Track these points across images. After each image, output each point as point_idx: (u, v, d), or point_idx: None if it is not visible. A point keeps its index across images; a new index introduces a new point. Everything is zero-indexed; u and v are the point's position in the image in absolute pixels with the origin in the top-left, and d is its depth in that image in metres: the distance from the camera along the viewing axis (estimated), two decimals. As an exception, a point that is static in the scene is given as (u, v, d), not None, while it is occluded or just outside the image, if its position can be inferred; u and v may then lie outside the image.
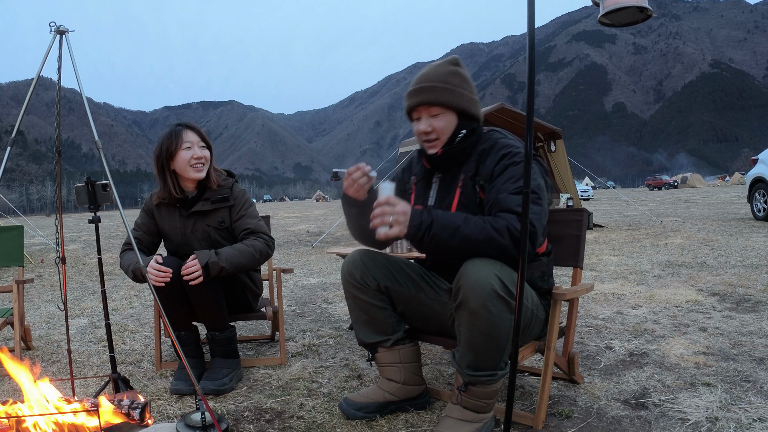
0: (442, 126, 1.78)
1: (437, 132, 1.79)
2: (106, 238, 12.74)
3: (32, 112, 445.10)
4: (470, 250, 1.57)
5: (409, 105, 1.82)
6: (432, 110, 1.78)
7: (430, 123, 1.79)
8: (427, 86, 1.76)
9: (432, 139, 1.81)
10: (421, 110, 1.80)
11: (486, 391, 1.67)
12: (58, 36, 1.78)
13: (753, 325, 2.96)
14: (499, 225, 1.56)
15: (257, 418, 1.97)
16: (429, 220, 1.57)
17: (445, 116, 1.78)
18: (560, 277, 4.85)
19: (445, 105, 1.76)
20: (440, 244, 1.58)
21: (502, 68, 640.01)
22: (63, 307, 2.12)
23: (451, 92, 1.76)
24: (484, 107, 10.29)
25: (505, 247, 1.55)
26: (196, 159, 2.38)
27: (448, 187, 1.86)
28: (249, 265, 2.35)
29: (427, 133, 1.80)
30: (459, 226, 1.56)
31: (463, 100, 1.77)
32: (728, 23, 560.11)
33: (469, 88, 1.80)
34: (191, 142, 2.39)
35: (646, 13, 1.41)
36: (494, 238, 1.55)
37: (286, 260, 7.43)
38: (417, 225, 1.57)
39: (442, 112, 1.77)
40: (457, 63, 1.83)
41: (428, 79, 1.77)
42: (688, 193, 30.96)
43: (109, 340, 2.19)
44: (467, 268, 1.56)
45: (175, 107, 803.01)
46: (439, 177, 1.91)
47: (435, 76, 1.77)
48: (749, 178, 9.89)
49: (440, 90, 1.75)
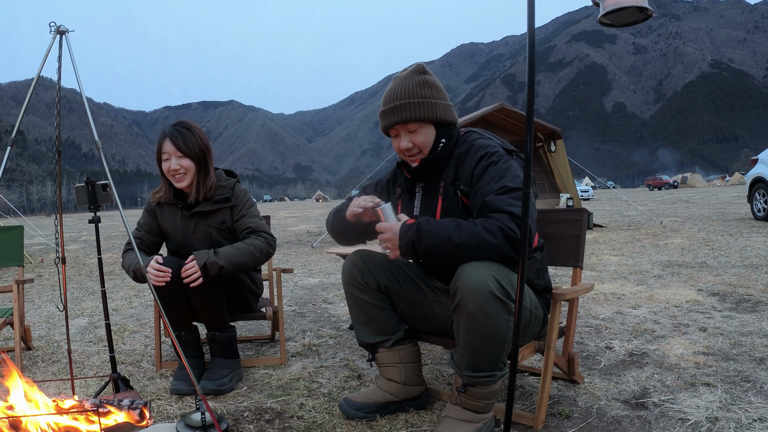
0: (421, 140, 1.79)
1: (418, 146, 1.80)
2: (106, 238, 12.74)
3: (32, 112, 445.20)
4: (466, 256, 1.57)
5: (385, 125, 1.82)
6: (409, 126, 1.78)
7: (410, 139, 1.79)
8: (400, 104, 1.76)
9: (414, 153, 1.82)
10: (399, 128, 1.80)
11: (485, 392, 1.67)
12: (58, 36, 1.78)
13: (753, 325, 2.96)
14: (492, 226, 1.56)
15: (257, 418, 1.97)
16: (415, 236, 1.59)
17: (423, 130, 1.78)
18: (560, 277, 4.85)
19: (422, 120, 1.76)
20: (436, 256, 1.60)
21: (502, 68, 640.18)
22: (63, 307, 2.12)
23: (424, 105, 1.75)
24: (484, 107, 10.31)
25: (499, 248, 1.55)
26: (173, 171, 2.36)
27: (431, 195, 1.86)
28: (249, 263, 2.34)
29: (408, 149, 1.81)
30: (450, 236, 1.57)
31: (437, 110, 1.77)
32: (728, 23, 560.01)
33: (440, 94, 1.80)
34: (168, 153, 2.37)
35: (646, 13, 1.41)
36: (488, 240, 1.55)
37: (286, 260, 7.43)
38: (405, 244, 1.61)
39: (419, 126, 1.78)
40: (423, 71, 1.81)
41: (400, 96, 1.76)
42: (688, 193, 30.96)
43: (109, 340, 2.19)
44: (464, 269, 1.56)
45: (175, 107, 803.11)
46: (421, 186, 1.92)
47: (405, 92, 1.76)
48: (749, 178, 9.89)
49: (413, 105, 1.75)
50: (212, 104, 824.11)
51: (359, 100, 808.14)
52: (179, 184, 2.40)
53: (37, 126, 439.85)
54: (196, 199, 2.42)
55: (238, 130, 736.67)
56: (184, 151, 2.37)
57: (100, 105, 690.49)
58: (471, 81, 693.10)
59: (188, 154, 2.37)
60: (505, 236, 1.54)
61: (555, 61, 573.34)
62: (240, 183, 2.58)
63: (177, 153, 2.37)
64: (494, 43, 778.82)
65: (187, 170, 2.38)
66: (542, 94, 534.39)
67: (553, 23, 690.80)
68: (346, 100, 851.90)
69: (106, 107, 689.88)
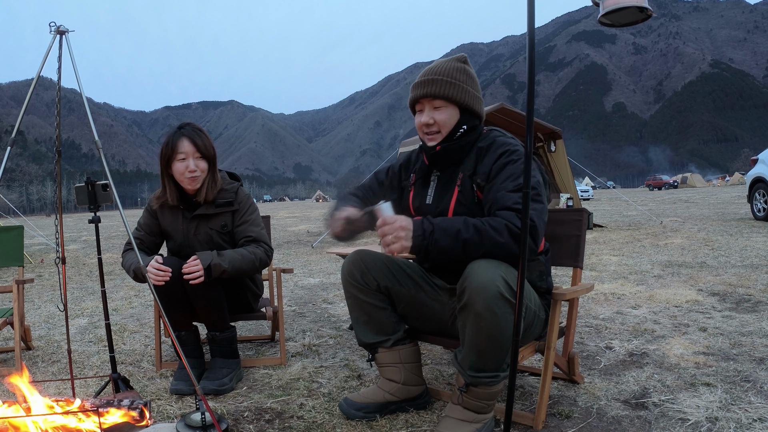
0: (443, 119, 1.79)
1: (438, 125, 1.80)
2: (106, 238, 12.74)
3: (32, 112, 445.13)
4: (472, 253, 1.57)
5: (414, 96, 1.84)
6: (435, 103, 1.79)
7: (432, 115, 1.80)
8: (433, 79, 1.78)
9: (433, 131, 1.82)
10: (425, 102, 1.81)
11: (487, 392, 1.67)
12: (58, 36, 1.78)
13: (753, 325, 2.96)
14: (497, 224, 1.57)
15: (257, 418, 1.97)
16: (430, 227, 1.58)
17: (447, 110, 1.79)
18: (560, 277, 4.85)
19: (449, 98, 1.77)
20: (443, 251, 1.59)
21: (502, 68, 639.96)
22: (63, 307, 2.12)
23: (456, 87, 1.77)
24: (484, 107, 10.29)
25: (504, 245, 1.55)
26: (190, 172, 2.33)
27: (447, 185, 1.86)
28: (249, 270, 2.35)
29: (428, 125, 1.81)
30: (459, 229, 1.57)
31: (466, 96, 1.79)
32: (728, 23, 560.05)
33: (474, 85, 1.82)
34: (186, 153, 2.33)
35: (646, 13, 1.41)
36: (493, 238, 1.55)
37: (286, 260, 7.43)
38: (420, 235, 1.57)
39: (444, 105, 1.79)
40: (465, 61, 1.84)
41: (434, 73, 1.79)
42: (688, 193, 30.96)
43: (109, 340, 2.19)
44: (472, 269, 1.56)
45: (175, 107, 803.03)
46: (437, 175, 1.92)
47: (441, 71, 1.79)
48: (749, 178, 9.89)
49: (445, 83, 1.77)
50: (212, 104, 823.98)
51: (359, 100, 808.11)
52: (193, 185, 2.37)
53: (37, 126, 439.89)
54: (202, 201, 2.41)
55: (238, 130, 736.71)
56: (203, 152, 2.36)
57: (100, 105, 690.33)
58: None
59: (206, 155, 2.38)
60: (510, 234, 1.55)
61: (555, 61, 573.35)
62: (243, 187, 2.57)
63: (196, 153, 2.35)
64: (494, 43, 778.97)
65: (203, 171, 2.38)
66: (542, 94, 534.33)
67: (553, 23, 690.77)
68: (346, 100, 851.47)
69: (106, 107, 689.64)
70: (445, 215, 1.79)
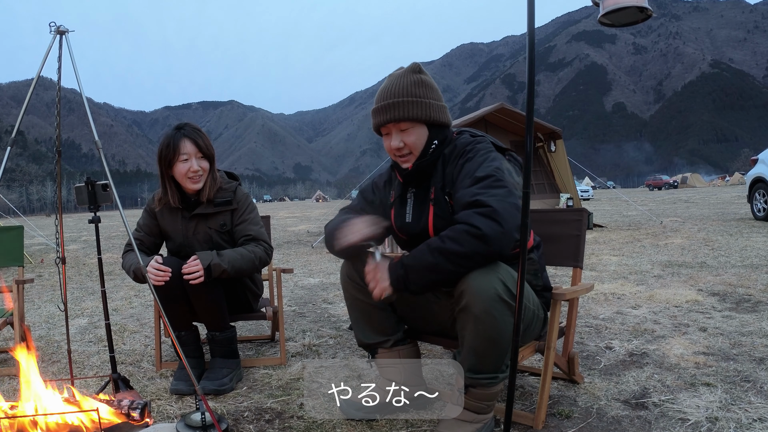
0: (413, 140, 1.73)
1: (409, 147, 1.74)
2: (106, 238, 12.74)
3: (32, 112, 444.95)
4: (455, 273, 1.53)
5: (377, 123, 1.77)
6: (401, 125, 1.72)
7: (401, 138, 1.73)
8: (393, 102, 1.70)
9: (405, 153, 1.76)
10: (390, 126, 1.75)
11: (487, 393, 1.66)
12: (58, 36, 1.78)
13: (753, 325, 2.96)
14: (456, 233, 1.50)
15: (257, 418, 1.97)
16: (403, 272, 1.56)
17: (415, 130, 1.72)
18: (560, 277, 4.85)
19: (414, 119, 1.70)
20: (428, 285, 1.57)
21: (502, 68, 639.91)
22: (63, 308, 2.12)
23: (418, 104, 1.70)
24: (484, 107, 10.30)
25: (470, 255, 1.49)
26: (193, 172, 2.34)
27: (422, 202, 1.80)
28: (249, 270, 2.35)
29: (399, 149, 1.75)
30: (429, 262, 1.52)
31: (431, 110, 1.72)
32: (728, 23, 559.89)
33: (435, 95, 1.75)
34: (188, 153, 2.33)
35: (646, 13, 1.41)
36: (458, 252, 1.49)
37: (286, 260, 7.43)
38: (395, 280, 1.57)
39: (411, 126, 1.72)
40: (419, 70, 1.76)
41: (393, 95, 1.71)
42: (688, 193, 30.96)
43: (109, 340, 2.19)
44: (470, 273, 1.54)
45: (175, 107, 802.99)
46: (413, 192, 1.85)
47: (400, 91, 1.70)
48: (749, 178, 9.90)
49: (407, 104, 1.69)
50: (212, 104, 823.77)
51: (359, 100, 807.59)
52: (196, 185, 2.37)
53: (37, 126, 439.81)
54: (200, 200, 2.41)
55: (238, 130, 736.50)
56: (205, 152, 2.38)
57: (100, 105, 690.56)
58: (471, 81, 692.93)
59: (207, 155, 2.39)
60: (472, 237, 1.48)
61: (555, 61, 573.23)
62: (242, 186, 2.57)
63: (198, 154, 2.36)
64: (494, 43, 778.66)
65: (205, 171, 2.39)
66: (542, 94, 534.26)
67: (553, 23, 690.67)
68: (346, 100, 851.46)
69: (106, 107, 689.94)
70: (426, 232, 1.75)
